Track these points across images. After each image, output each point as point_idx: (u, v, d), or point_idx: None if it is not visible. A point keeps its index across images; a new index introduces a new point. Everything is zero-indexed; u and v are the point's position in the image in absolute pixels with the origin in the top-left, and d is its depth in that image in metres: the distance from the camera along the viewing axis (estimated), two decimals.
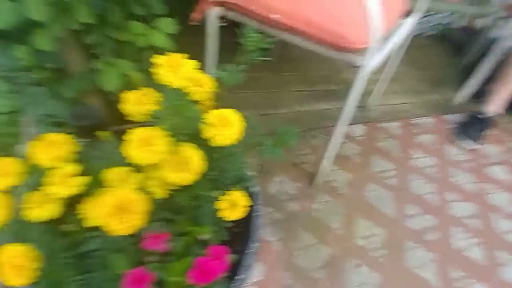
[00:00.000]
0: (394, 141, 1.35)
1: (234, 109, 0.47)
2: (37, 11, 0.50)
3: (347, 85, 0.85)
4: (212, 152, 0.49)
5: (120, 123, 0.69)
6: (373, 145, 1.30)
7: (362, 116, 1.42)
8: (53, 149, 0.45)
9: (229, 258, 0.52)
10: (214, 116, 0.44)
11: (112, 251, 0.45)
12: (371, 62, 0.78)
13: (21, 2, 0.50)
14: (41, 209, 0.42)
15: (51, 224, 0.44)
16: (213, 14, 0.89)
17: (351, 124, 0.98)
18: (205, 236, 0.54)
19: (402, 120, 1.47)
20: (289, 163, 1.13)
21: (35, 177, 0.46)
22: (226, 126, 0.44)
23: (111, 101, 0.79)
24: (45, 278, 0.41)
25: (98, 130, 0.53)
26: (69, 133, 0.48)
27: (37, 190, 0.43)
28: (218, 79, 0.53)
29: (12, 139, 0.89)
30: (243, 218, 0.60)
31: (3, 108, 0.87)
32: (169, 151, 0.43)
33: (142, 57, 0.67)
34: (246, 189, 0.56)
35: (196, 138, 0.47)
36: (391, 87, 1.56)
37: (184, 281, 0.47)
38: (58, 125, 0.77)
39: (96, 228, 0.42)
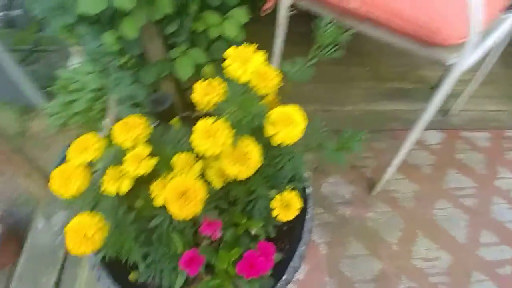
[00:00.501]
0: (479, 154, 1.16)
1: (297, 106, 0.45)
2: (124, 0, 0.54)
3: (425, 85, 0.75)
4: (271, 149, 0.48)
5: (189, 110, 0.73)
6: (451, 156, 1.14)
7: (442, 121, 1.25)
8: (130, 131, 0.49)
9: (276, 256, 0.52)
10: (277, 113, 0.43)
11: (172, 231, 0.48)
12: (466, 60, 0.67)
13: None
14: (115, 184, 0.47)
15: (122, 198, 0.49)
16: (285, 3, 0.87)
17: (426, 129, 0.87)
18: (255, 230, 0.54)
19: (492, 130, 1.25)
20: (347, 165, 1.07)
21: (113, 154, 0.51)
22: (288, 126, 0.42)
23: (182, 88, 0.84)
24: (110, 246, 0.46)
25: (170, 115, 0.56)
26: (145, 117, 0.52)
27: (114, 166, 0.49)
28: (285, 74, 0.51)
29: (97, 114, 1.02)
30: (295, 217, 0.58)
31: (93, 85, 0.99)
32: (230, 144, 0.44)
33: (214, 47, 0.69)
34: (300, 189, 0.55)
35: (257, 133, 0.47)
36: (483, 90, 1.33)
37: (232, 270, 0.49)
38: (136, 106, 0.85)
39: (161, 207, 0.46)
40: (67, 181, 0.44)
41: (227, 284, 0.50)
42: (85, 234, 0.40)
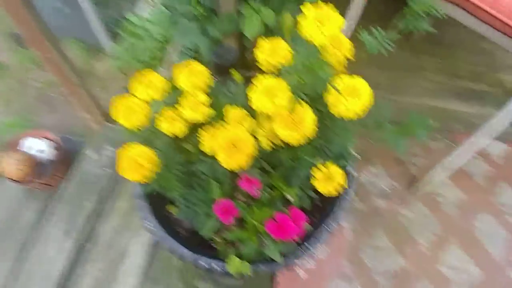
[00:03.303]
0: None
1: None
2: None
3: (502, 90, 0.67)
4: (326, 119, 0.47)
5: (250, 69, 0.73)
6: (511, 172, 1.04)
7: (509, 133, 1.12)
8: (192, 77, 0.51)
9: (305, 226, 0.53)
10: (344, 83, 0.41)
11: (214, 178, 0.51)
12: None
13: None
14: (170, 124, 0.50)
15: (174, 140, 0.52)
16: None
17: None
18: (290, 197, 0.55)
19: None
20: (392, 158, 1.02)
21: (173, 97, 0.54)
22: (353, 97, 0.40)
23: (246, 46, 0.84)
24: (156, 182, 0.50)
25: (231, 70, 0.57)
26: (207, 67, 0.53)
27: (172, 108, 0.51)
28: (359, 44, 0.47)
29: (157, 63, 1.07)
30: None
31: (158, 35, 1.03)
32: (287, 107, 0.43)
33: (286, 8, 0.66)
34: (344, 168, 0.54)
35: (315, 101, 0.45)
36: None
37: (262, 227, 0.51)
38: (196, 59, 0.87)
39: (207, 154, 0.48)
40: (131, 112, 0.47)
41: (254, 239, 0.52)
42: (139, 162, 0.44)
